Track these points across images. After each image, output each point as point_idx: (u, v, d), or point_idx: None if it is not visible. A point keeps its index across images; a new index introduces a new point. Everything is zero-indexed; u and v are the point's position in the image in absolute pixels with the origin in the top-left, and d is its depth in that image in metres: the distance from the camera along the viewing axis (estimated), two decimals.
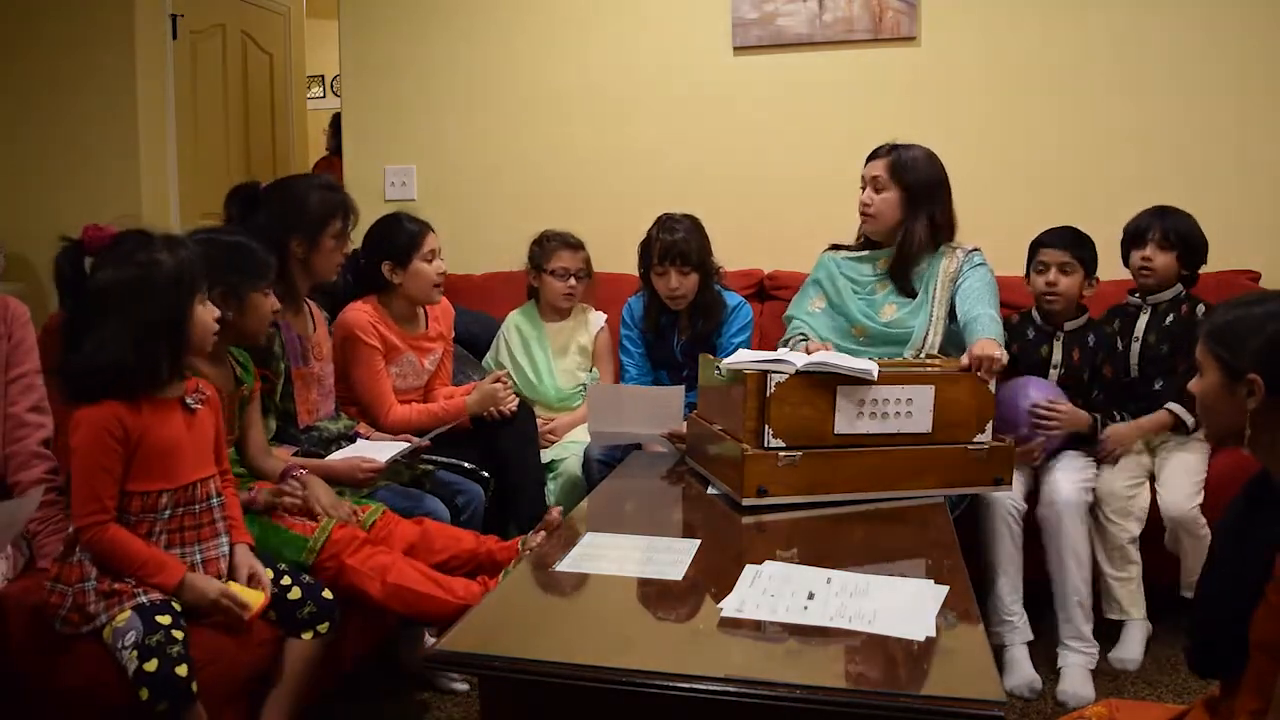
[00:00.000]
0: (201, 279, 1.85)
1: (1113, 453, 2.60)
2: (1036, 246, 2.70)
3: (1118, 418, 2.66)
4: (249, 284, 2.09)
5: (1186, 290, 2.73)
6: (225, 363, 2.13)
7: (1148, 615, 2.58)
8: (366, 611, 2.17)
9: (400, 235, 2.73)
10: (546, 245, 3.22)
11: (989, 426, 2.15)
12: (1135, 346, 2.73)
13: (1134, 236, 2.72)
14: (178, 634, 1.70)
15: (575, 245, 3.23)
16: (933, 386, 2.10)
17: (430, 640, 2.36)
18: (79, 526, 1.75)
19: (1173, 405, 2.62)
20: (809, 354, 2.35)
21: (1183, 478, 2.55)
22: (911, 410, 2.08)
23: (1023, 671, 2.41)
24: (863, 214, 2.73)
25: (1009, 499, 2.41)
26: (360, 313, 2.70)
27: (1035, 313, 2.74)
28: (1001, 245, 2.80)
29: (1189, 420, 2.59)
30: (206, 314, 1.86)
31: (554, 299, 3.21)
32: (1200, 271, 2.77)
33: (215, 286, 1.95)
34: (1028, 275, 2.73)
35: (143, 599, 1.74)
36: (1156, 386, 2.68)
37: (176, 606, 1.75)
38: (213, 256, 1.95)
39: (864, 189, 2.71)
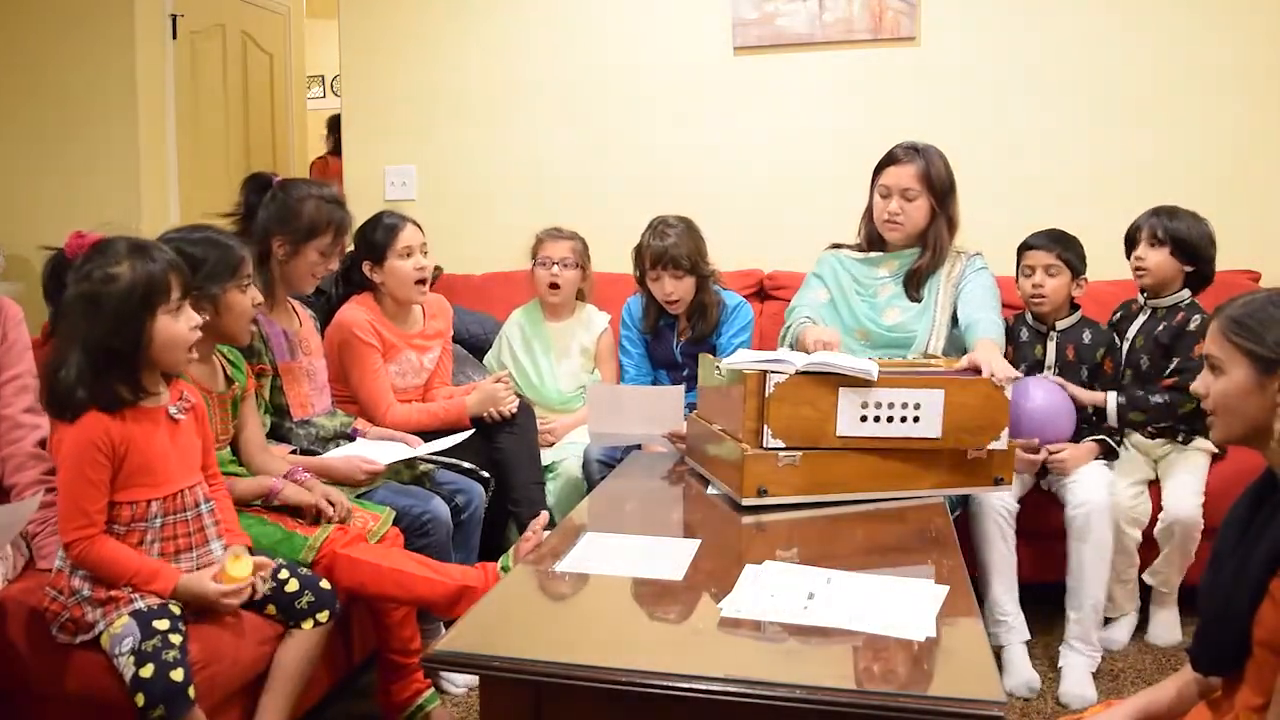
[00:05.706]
0: (165, 291, 1.74)
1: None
2: (1023, 249, 2.70)
3: (1118, 440, 2.65)
4: (218, 282, 2.02)
5: (1193, 297, 2.66)
6: (213, 363, 2.11)
7: (1143, 611, 2.63)
8: (367, 608, 2.17)
9: (376, 232, 2.70)
10: (537, 238, 3.22)
11: (1004, 434, 2.08)
12: (1124, 346, 2.72)
13: (1130, 237, 2.72)
14: (175, 638, 1.69)
15: (563, 235, 3.20)
16: (943, 391, 2.03)
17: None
18: (67, 542, 1.72)
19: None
20: (813, 343, 2.34)
21: (1188, 481, 2.58)
22: (920, 416, 2.02)
23: (1021, 671, 2.40)
24: (890, 223, 2.66)
25: (999, 499, 2.40)
26: (357, 311, 2.70)
27: (1028, 314, 2.74)
28: (1001, 246, 2.80)
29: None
30: (175, 326, 1.76)
31: (539, 289, 3.20)
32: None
33: (188, 290, 1.85)
34: (1017, 278, 2.73)
35: (139, 604, 1.73)
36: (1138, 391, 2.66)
37: (175, 609, 1.74)
38: (183, 257, 1.89)
39: (886, 197, 2.66)
